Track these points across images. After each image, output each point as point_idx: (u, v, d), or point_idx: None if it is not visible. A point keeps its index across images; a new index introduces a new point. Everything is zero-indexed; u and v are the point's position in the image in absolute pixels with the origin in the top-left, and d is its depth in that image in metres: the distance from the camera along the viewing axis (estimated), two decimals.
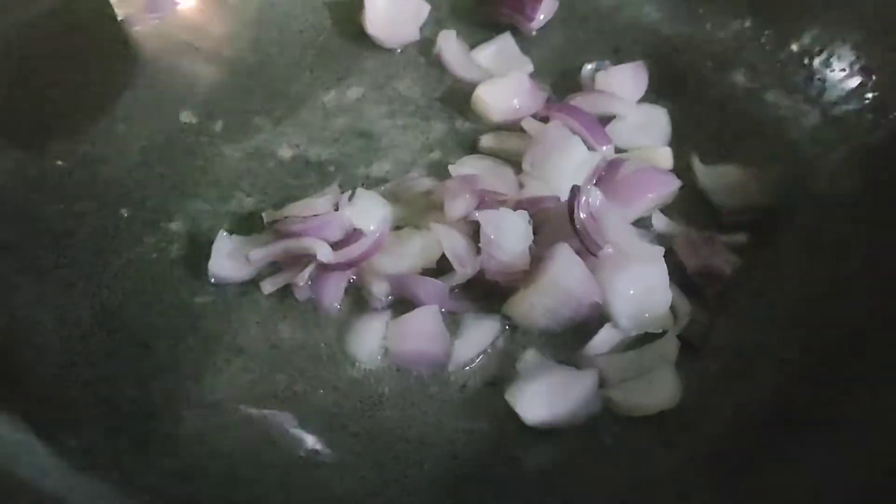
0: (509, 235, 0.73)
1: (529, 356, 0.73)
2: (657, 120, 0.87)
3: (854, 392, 0.67)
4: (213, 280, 0.77)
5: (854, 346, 0.70)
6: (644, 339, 0.74)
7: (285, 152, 0.86)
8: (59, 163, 0.83)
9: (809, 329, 0.72)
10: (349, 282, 0.77)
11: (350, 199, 0.77)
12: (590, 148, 0.81)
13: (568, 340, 0.74)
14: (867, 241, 0.75)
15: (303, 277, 0.74)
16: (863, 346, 0.69)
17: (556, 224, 0.75)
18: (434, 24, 0.96)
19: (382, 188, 0.82)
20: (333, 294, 0.75)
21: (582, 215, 0.72)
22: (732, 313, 0.75)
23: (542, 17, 0.94)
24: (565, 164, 0.79)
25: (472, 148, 0.87)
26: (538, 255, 0.73)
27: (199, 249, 0.79)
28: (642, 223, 0.80)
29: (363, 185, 0.83)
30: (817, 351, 0.71)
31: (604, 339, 0.73)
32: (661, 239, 0.78)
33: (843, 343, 0.71)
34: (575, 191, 0.72)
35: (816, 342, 0.71)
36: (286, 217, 0.77)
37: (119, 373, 0.71)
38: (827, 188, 0.80)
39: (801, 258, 0.77)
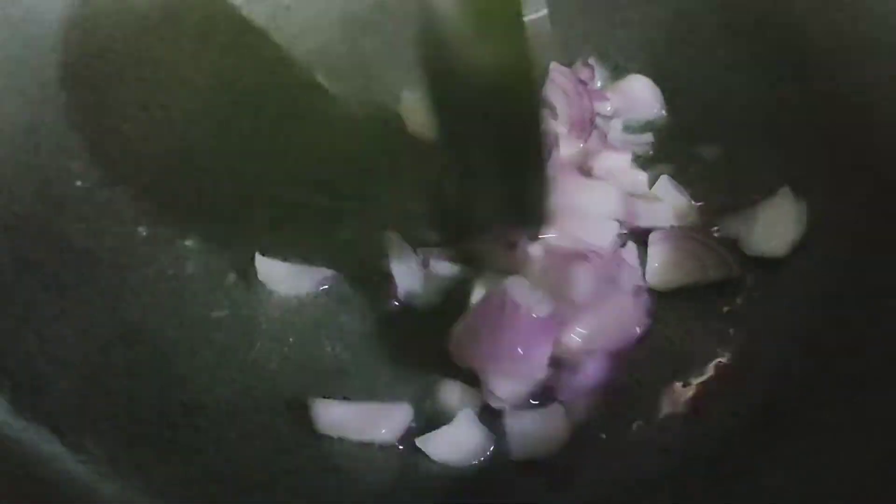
0: None
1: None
2: None
3: (849, 396, 0.69)
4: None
5: (850, 349, 0.72)
6: None
7: None
8: (79, 183, 0.86)
9: (805, 333, 0.75)
10: None
11: None
12: None
13: None
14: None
15: None
16: (859, 349, 0.71)
17: None
18: None
19: None
20: None
21: None
22: (729, 318, 0.78)
23: None
24: None
25: None
26: None
27: (213, 265, 0.83)
28: None
29: None
30: (813, 355, 0.73)
31: None
32: None
33: (839, 347, 0.73)
34: None
35: (812, 346, 0.74)
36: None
37: (139, 384, 0.75)
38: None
39: (796, 268, 0.79)
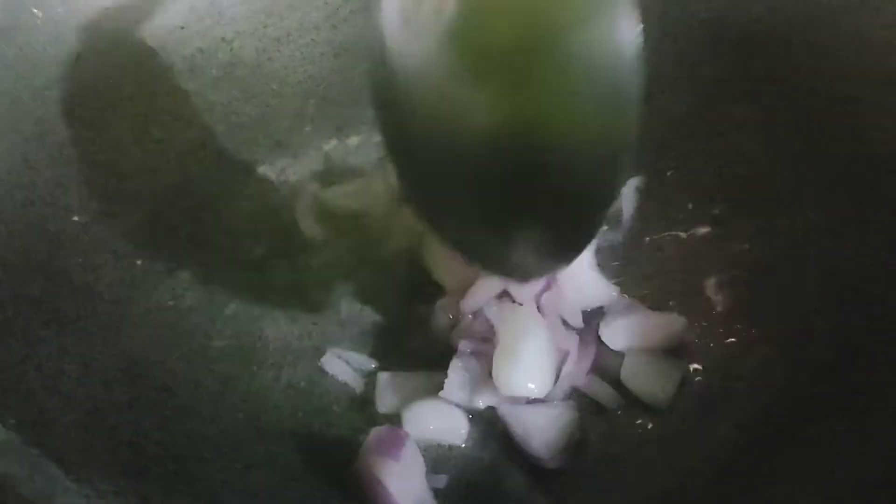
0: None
1: None
2: None
3: (851, 409, 0.69)
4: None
5: (852, 362, 0.73)
6: None
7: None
8: (76, 218, 0.87)
9: (806, 345, 0.76)
10: None
11: None
12: None
13: None
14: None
15: None
16: (860, 362, 0.72)
17: None
18: None
19: None
20: None
21: None
22: (729, 331, 0.79)
23: None
24: None
25: None
26: None
27: (212, 296, 0.83)
28: None
29: None
30: (815, 368, 0.74)
31: None
32: None
33: (841, 359, 0.73)
34: None
35: (814, 358, 0.75)
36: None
37: (142, 417, 0.74)
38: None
39: (793, 279, 0.80)
